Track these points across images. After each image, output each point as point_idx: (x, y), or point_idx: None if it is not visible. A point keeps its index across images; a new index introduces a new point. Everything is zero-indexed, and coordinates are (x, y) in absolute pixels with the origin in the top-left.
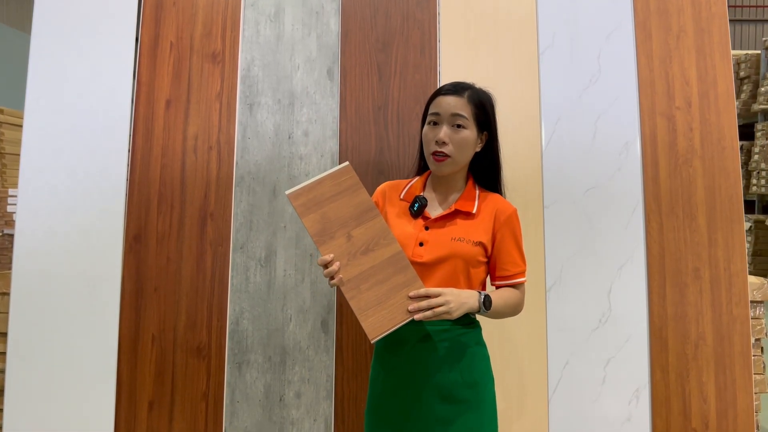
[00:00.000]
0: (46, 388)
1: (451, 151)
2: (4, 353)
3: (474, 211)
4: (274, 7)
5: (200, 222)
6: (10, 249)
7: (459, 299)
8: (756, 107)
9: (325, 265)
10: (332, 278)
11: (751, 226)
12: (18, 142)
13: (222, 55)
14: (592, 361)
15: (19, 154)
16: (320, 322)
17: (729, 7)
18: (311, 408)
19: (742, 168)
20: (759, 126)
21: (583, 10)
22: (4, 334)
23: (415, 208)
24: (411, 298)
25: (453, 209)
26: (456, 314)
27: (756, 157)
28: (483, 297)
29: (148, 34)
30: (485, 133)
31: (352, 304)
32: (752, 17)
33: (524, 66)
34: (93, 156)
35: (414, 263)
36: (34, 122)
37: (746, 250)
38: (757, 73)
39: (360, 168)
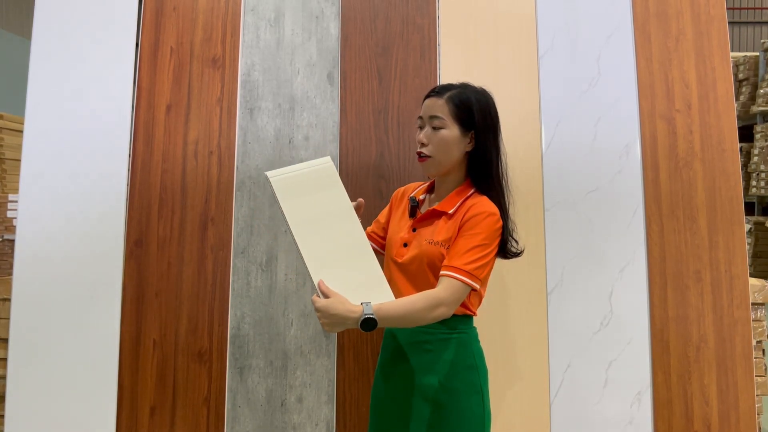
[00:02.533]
0: (47, 393)
1: (431, 151)
2: (5, 359)
3: (451, 212)
4: (274, 12)
5: (201, 227)
6: (10, 254)
7: (332, 319)
8: (755, 109)
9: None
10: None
11: (750, 228)
12: (18, 148)
13: (222, 60)
14: (593, 364)
15: (19, 160)
16: (321, 327)
17: (727, 9)
18: (313, 412)
19: (741, 170)
20: (758, 128)
21: (583, 13)
22: (5, 340)
23: (409, 208)
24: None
25: (430, 210)
26: (330, 330)
27: (755, 158)
28: (363, 318)
29: (149, 40)
30: (472, 132)
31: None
32: (750, 19)
33: (524, 69)
34: (93, 161)
35: (395, 263)
36: (35, 127)
37: (747, 252)
38: (756, 75)
39: (361, 172)
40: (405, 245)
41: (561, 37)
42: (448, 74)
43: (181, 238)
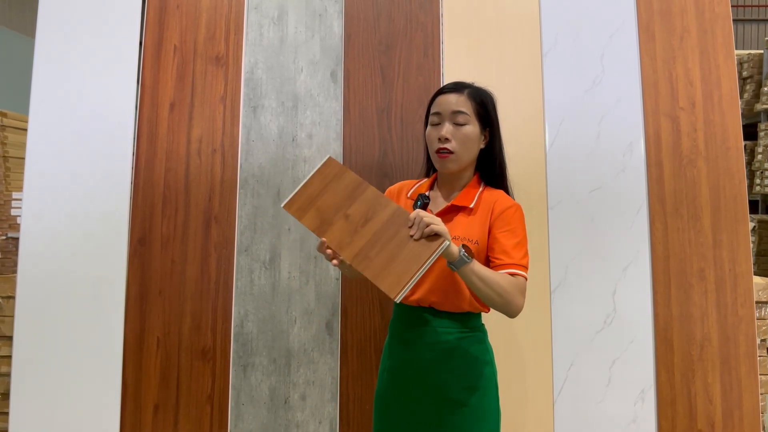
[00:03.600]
0: (51, 391)
1: (454, 147)
2: (9, 356)
3: (472, 206)
4: (278, 10)
5: (204, 225)
6: (14, 252)
7: (442, 226)
8: (759, 107)
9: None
10: (333, 260)
11: (754, 226)
12: (22, 146)
13: (225, 58)
14: (597, 363)
15: (23, 158)
16: (325, 324)
17: (731, 7)
18: (316, 410)
19: (745, 168)
20: (762, 125)
21: (586, 11)
22: (10, 338)
23: (418, 206)
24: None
25: (450, 204)
26: (441, 230)
27: (759, 157)
28: (462, 251)
29: (152, 38)
30: (488, 130)
31: (367, 274)
32: (754, 17)
33: (527, 67)
34: (97, 159)
35: None
36: (39, 126)
37: (751, 251)
38: (760, 73)
39: (364, 170)
40: None
41: (564, 36)
42: (452, 72)
43: (184, 236)
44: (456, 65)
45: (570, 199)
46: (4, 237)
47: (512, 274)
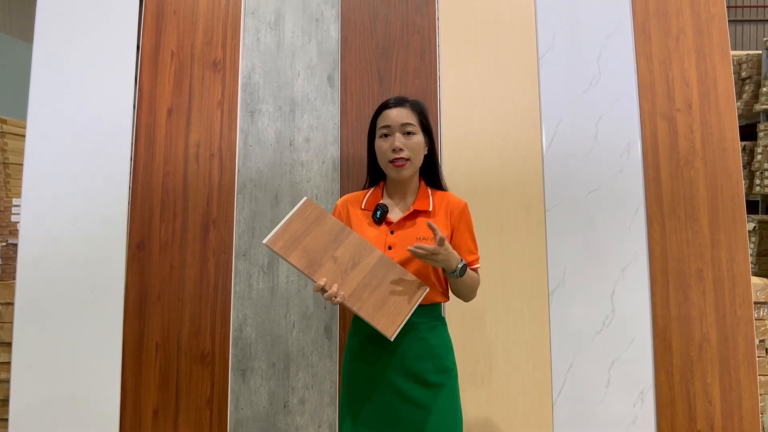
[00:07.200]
0: (50, 397)
1: (408, 155)
2: (8, 363)
3: (430, 209)
4: (274, 15)
5: (203, 229)
6: (15, 258)
7: (450, 256)
8: (758, 107)
9: (322, 290)
10: (335, 297)
11: (755, 227)
12: (23, 153)
13: (223, 63)
14: (596, 364)
15: (23, 164)
16: (323, 328)
17: (729, 7)
18: (315, 414)
19: (745, 168)
20: (762, 126)
21: (582, 12)
22: (9, 344)
23: (378, 216)
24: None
25: (412, 210)
26: (439, 265)
27: (759, 157)
28: (462, 264)
29: (149, 43)
30: (428, 138)
31: (362, 313)
32: (753, 17)
33: (524, 69)
34: (95, 164)
35: None
36: (37, 131)
37: (750, 251)
38: (759, 74)
39: (361, 174)
40: (390, 248)
41: (561, 37)
42: (449, 74)
43: (183, 240)
44: (453, 68)
45: (567, 201)
46: (4, 243)
47: (476, 269)
